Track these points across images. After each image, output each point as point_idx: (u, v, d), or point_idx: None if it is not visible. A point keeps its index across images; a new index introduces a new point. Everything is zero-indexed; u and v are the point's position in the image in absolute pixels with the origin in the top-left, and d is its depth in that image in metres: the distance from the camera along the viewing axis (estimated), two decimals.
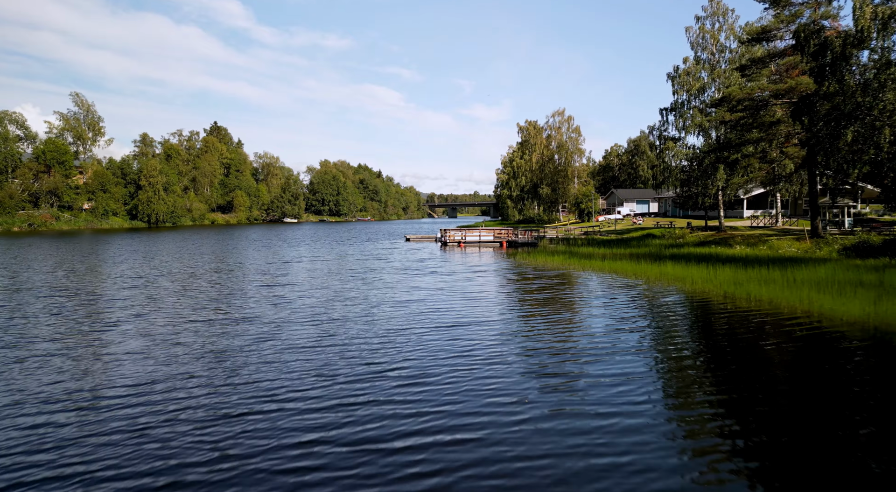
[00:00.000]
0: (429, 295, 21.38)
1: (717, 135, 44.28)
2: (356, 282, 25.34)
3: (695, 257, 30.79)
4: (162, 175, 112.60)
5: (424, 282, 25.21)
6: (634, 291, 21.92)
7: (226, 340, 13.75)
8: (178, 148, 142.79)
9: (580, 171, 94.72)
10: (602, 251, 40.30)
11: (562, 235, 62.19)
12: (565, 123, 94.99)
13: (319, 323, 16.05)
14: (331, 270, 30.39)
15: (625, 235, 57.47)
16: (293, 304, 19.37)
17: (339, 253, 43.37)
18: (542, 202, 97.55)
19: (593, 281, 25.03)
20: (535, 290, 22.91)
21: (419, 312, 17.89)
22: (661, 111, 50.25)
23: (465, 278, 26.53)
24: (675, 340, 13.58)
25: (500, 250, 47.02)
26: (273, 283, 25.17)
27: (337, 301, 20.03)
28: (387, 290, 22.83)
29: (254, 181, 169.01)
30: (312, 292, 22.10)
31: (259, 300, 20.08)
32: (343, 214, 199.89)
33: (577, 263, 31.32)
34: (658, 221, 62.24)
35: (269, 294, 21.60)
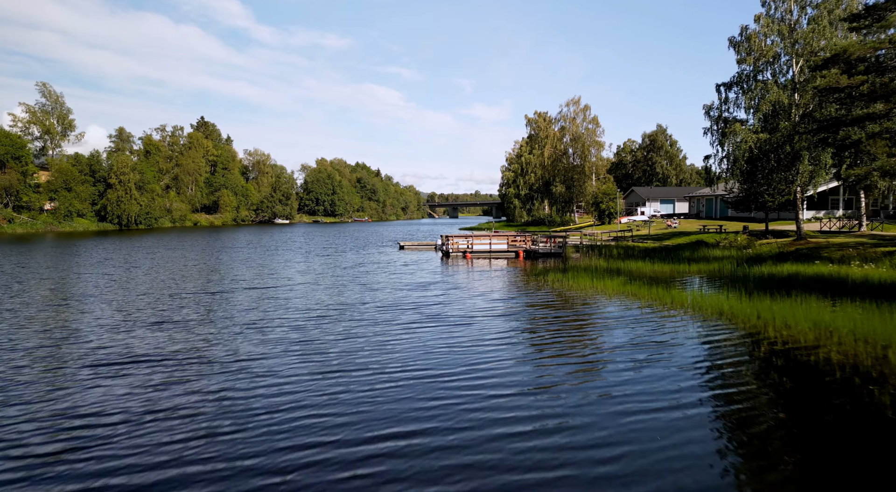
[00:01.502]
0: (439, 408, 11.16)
1: (806, 112, 33.99)
2: (306, 343, 15.13)
3: (811, 284, 20.59)
4: (135, 173, 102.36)
5: (414, 348, 14.98)
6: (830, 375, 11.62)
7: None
8: (159, 144, 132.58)
9: (598, 166, 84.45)
10: (658, 268, 30.00)
11: (586, 240, 51.96)
12: (581, 113, 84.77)
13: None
14: (276, 310, 20.15)
15: (665, 242, 47.18)
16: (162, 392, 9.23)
17: (308, 270, 33.13)
18: (556, 202, 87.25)
19: (709, 339, 14.75)
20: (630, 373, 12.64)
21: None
22: (718, 88, 40.01)
23: (483, 335, 16.27)
24: None
25: (516, 263, 36.87)
26: (166, 346, 14.98)
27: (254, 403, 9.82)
28: (355, 376, 12.61)
29: (243, 180, 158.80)
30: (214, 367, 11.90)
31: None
32: (339, 215, 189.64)
33: (645, 292, 21.05)
34: (704, 225, 51.85)
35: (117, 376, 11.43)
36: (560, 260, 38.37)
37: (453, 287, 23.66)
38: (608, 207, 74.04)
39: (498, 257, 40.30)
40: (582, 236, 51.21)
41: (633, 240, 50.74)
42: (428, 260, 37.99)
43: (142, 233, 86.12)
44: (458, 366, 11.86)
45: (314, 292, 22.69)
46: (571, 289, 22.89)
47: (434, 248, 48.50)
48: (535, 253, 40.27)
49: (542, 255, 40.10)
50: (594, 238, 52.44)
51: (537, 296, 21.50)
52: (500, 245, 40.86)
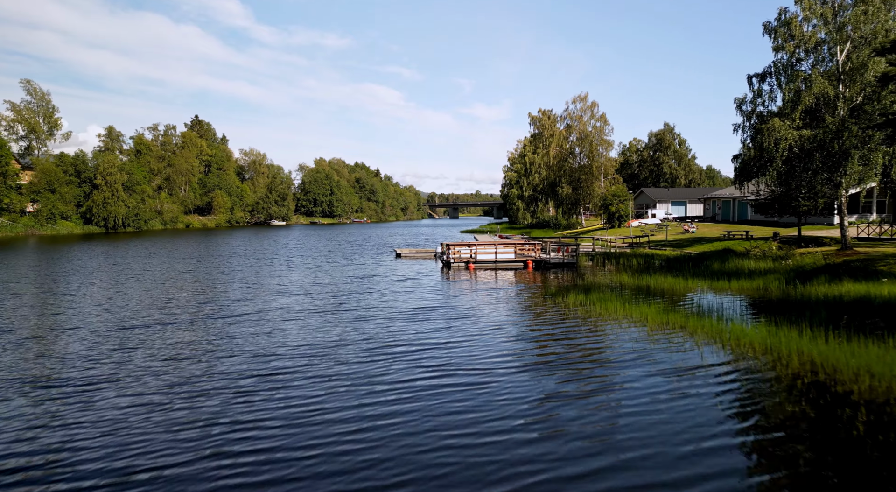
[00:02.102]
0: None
1: (856, 104, 29.88)
2: (255, 424, 11.01)
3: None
4: (122, 173, 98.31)
5: (414, 427, 10.84)
6: None
7: None
8: (150, 143, 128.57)
9: (607, 166, 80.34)
10: (692, 285, 25.92)
11: (599, 246, 47.89)
12: (588, 110, 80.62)
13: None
14: (236, 349, 16.07)
15: (687, 250, 43.10)
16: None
17: (288, 288, 29.08)
18: (562, 204, 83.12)
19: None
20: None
21: None
22: (750, 79, 35.90)
23: (506, 406, 12.10)
24: None
25: (525, 276, 32.83)
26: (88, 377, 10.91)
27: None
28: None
29: (238, 180, 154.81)
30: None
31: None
32: (337, 216, 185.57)
33: (695, 324, 16.92)
34: (729, 231, 47.71)
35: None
36: (574, 272, 34.31)
37: (458, 317, 19.55)
38: (618, 210, 69.92)
39: (504, 268, 36.23)
40: (594, 243, 47.13)
41: (650, 246, 46.68)
42: (427, 273, 33.92)
43: (129, 236, 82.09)
44: (479, 469, 7.79)
45: (288, 325, 18.58)
46: (601, 317, 18.78)
47: (434, 256, 44.43)
48: (545, 263, 36.19)
49: (554, 265, 36.04)
50: (607, 244, 48.37)
51: (562, 329, 17.39)
52: (506, 254, 36.76)
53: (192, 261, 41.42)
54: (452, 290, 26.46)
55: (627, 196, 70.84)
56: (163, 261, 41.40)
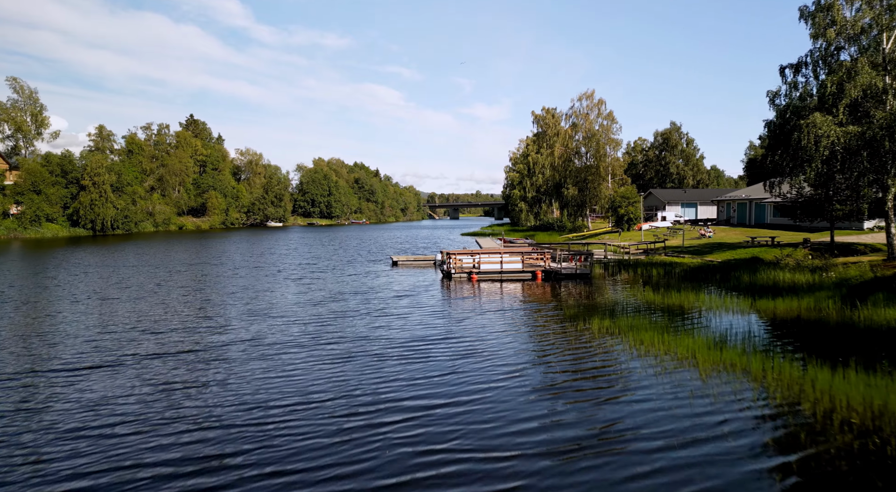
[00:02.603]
0: None
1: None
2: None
3: None
4: (111, 173, 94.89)
5: None
6: None
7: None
8: (142, 143, 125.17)
9: (615, 167, 76.88)
10: (728, 304, 22.50)
11: (611, 252, 44.48)
12: (595, 108, 77.16)
13: None
14: (187, 410, 12.66)
15: (708, 257, 39.68)
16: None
17: (268, 309, 25.69)
18: (567, 205, 79.65)
19: None
20: None
21: None
22: (782, 71, 32.50)
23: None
24: None
25: (534, 289, 29.45)
26: None
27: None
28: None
29: (234, 180, 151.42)
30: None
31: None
32: (335, 217, 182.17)
33: (757, 369, 13.47)
34: (753, 237, 44.19)
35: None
36: (588, 284, 30.90)
37: (464, 355, 15.95)
38: (627, 213, 66.51)
39: (511, 279, 32.82)
40: (606, 249, 43.71)
41: (667, 253, 43.27)
42: (426, 286, 30.49)
43: (117, 239, 78.71)
44: None
45: (249, 369, 15.15)
46: (639, 352, 15.34)
47: (433, 264, 41.00)
48: (556, 274, 32.76)
49: (566, 276, 32.61)
50: (619, 251, 44.96)
51: (594, 373, 13.97)
52: (512, 264, 33.29)
53: (163, 272, 38.01)
54: (454, 310, 23.03)
55: (637, 198, 67.44)
56: (135, 272, 37.99)
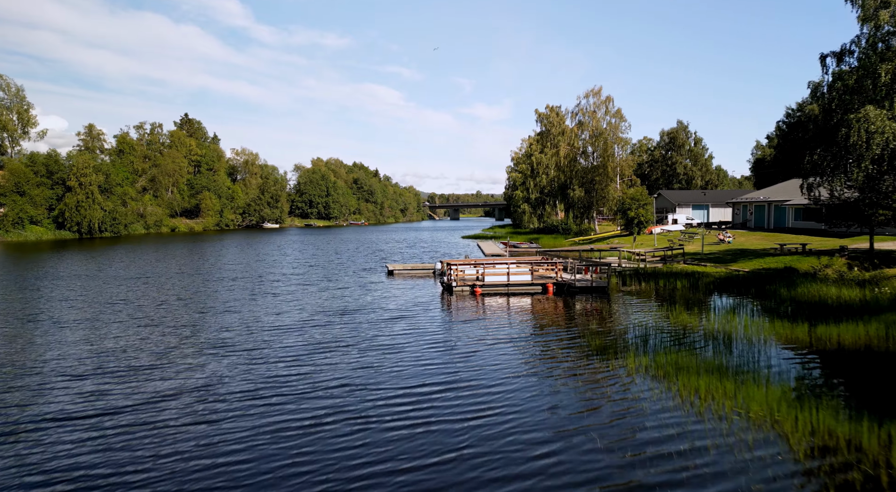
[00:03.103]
0: None
1: None
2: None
3: None
4: (99, 174, 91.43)
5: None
6: None
7: None
8: (134, 142, 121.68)
9: (623, 167, 73.34)
10: (781, 331, 18.99)
11: (625, 259, 41.01)
12: (602, 105, 73.56)
13: None
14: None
15: (732, 266, 36.20)
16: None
17: (235, 337, 22.22)
18: (573, 207, 76.13)
19: None
20: None
21: None
22: (823, 59, 29.00)
23: None
24: None
25: (545, 305, 26.01)
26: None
27: None
28: None
29: (229, 181, 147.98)
30: None
31: None
32: (333, 218, 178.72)
33: (866, 436, 9.99)
34: (782, 243, 40.53)
35: None
36: (606, 299, 27.42)
37: (474, 413, 12.60)
38: (637, 215, 62.91)
39: (519, 293, 29.35)
40: (620, 256, 40.20)
41: (686, 261, 39.80)
42: (424, 302, 27.00)
43: (104, 243, 75.27)
44: None
45: (193, 433, 11.66)
46: (693, 406, 11.84)
47: (432, 273, 37.52)
48: (569, 288, 29.27)
49: (580, 290, 29.12)
50: (634, 258, 41.46)
51: (650, 449, 10.48)
52: (521, 276, 29.76)
53: (129, 285, 34.53)
54: (459, 340, 19.48)
55: (648, 200, 63.79)
56: (102, 283, 34.51)
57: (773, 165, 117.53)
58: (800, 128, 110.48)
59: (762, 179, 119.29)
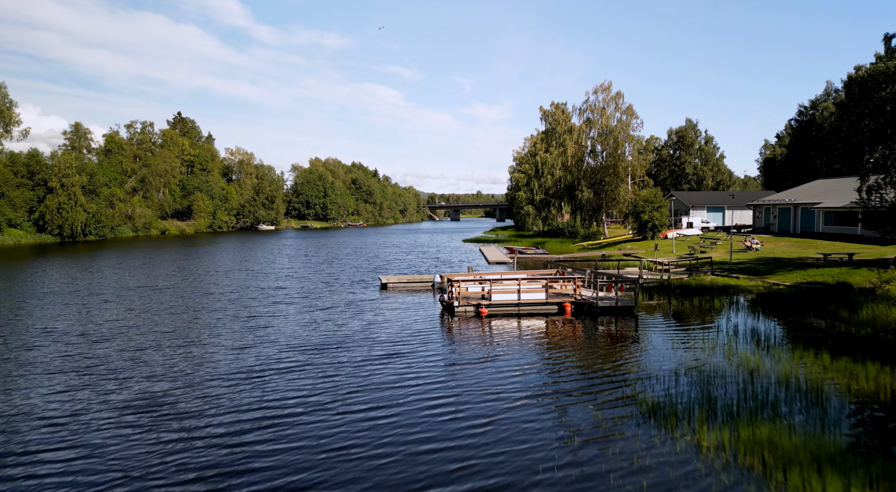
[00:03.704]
0: None
1: None
2: None
3: None
4: (83, 174, 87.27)
5: None
6: None
7: None
8: (123, 142, 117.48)
9: (635, 167, 69.10)
10: (886, 378, 14.80)
11: (645, 269, 36.80)
12: (612, 101, 69.44)
13: None
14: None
15: (769, 279, 31.98)
16: None
17: (192, 381, 17.94)
18: (581, 209, 71.89)
19: None
20: None
21: None
22: (888, 39, 24.79)
23: None
24: None
25: (564, 329, 21.86)
26: None
27: None
28: None
29: (223, 181, 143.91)
30: None
31: None
32: (331, 219, 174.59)
33: None
34: (826, 253, 36.17)
35: None
36: (634, 322, 23.24)
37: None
38: (652, 218, 58.75)
39: (531, 313, 25.17)
40: (642, 265, 35.94)
41: (713, 272, 35.59)
42: (421, 328, 22.80)
43: (87, 248, 71.16)
44: None
45: None
46: None
47: (431, 287, 33.32)
48: (590, 308, 25.05)
49: (602, 310, 24.91)
50: (656, 267, 37.24)
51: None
52: (533, 293, 25.54)
53: (73, 301, 30.34)
54: (463, 387, 15.18)
55: (663, 202, 59.70)
56: (37, 301, 30.34)
57: (785, 164, 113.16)
58: (813, 126, 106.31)
59: (773, 180, 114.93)
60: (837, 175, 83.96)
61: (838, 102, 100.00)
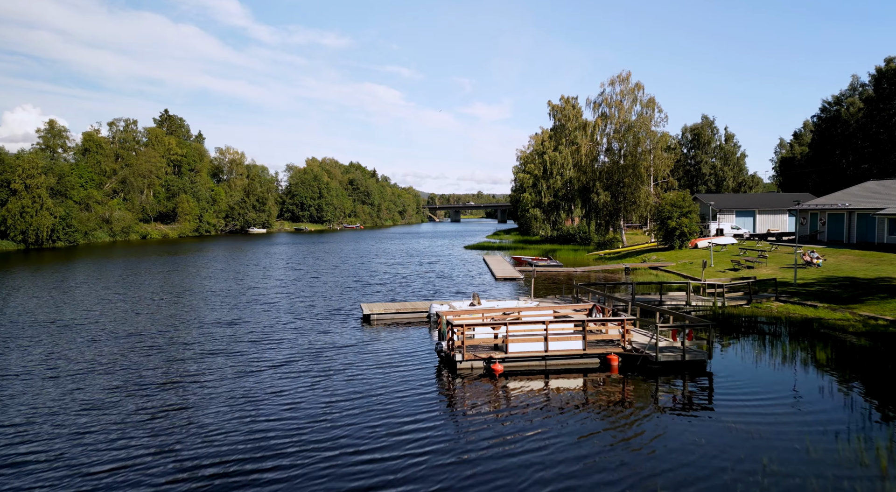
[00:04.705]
0: None
1: None
2: None
3: None
4: (50, 175, 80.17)
5: None
6: None
7: None
8: (102, 140, 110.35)
9: (658, 166, 61.92)
10: None
11: (693, 292, 29.65)
12: (630, 94, 62.30)
13: None
14: None
15: (860, 310, 24.79)
16: None
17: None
18: (597, 214, 64.68)
19: None
20: None
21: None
22: None
23: None
24: None
25: (612, 390, 14.84)
26: None
27: None
28: None
29: (213, 182, 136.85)
30: None
31: None
32: (326, 221, 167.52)
33: None
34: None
35: None
36: (707, 388, 16.15)
37: None
38: (680, 225, 51.59)
39: (562, 368, 18.09)
40: (689, 288, 28.70)
41: (778, 296, 28.45)
42: (411, 400, 15.63)
43: (53, 258, 64.11)
44: None
45: None
46: None
47: (426, 318, 26.13)
48: (645, 362, 17.91)
49: (664, 366, 17.75)
50: (703, 289, 30.08)
51: None
52: (567, 341, 18.36)
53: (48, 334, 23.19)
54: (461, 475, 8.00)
55: (693, 206, 52.54)
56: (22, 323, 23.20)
57: (807, 164, 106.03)
58: (838, 123, 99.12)
59: (791, 181, 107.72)
60: (866, 176, 76.79)
61: (866, 98, 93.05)
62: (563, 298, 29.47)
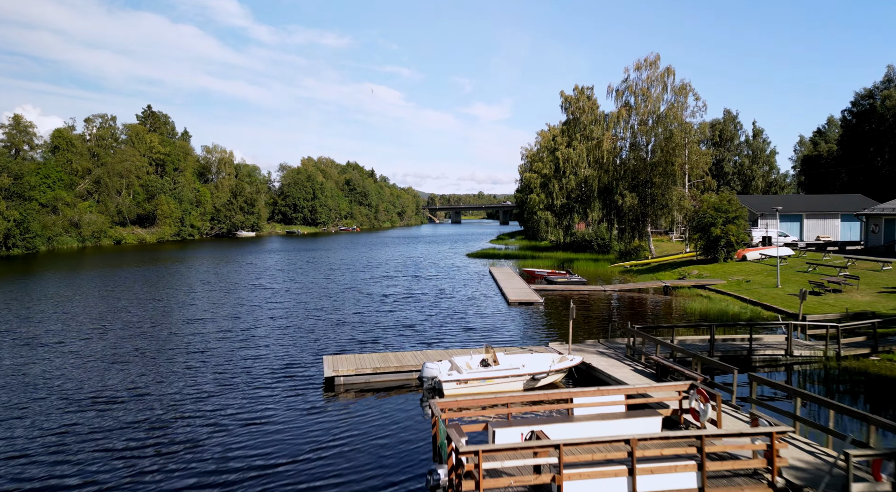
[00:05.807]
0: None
1: None
2: None
3: None
4: (3, 175, 71.81)
5: None
6: None
7: None
8: (74, 137, 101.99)
9: (693, 163, 53.43)
10: None
11: (809, 345, 21.10)
12: (660, 80, 53.91)
13: None
14: None
15: None
16: None
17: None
18: (623, 218, 56.16)
19: None
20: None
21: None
22: None
23: None
24: None
25: None
26: None
27: None
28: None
29: (198, 183, 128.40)
30: None
31: None
32: (321, 223, 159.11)
33: None
34: None
35: None
36: None
37: None
38: (726, 233, 43.13)
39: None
40: (789, 334, 20.23)
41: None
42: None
43: (9, 269, 55.87)
44: None
45: None
46: None
47: (418, 382, 17.60)
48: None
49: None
50: (805, 329, 21.62)
51: None
52: (667, 474, 10.03)
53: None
54: None
55: (741, 210, 44.08)
56: None
57: (836, 162, 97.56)
58: (873, 118, 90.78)
59: (816, 180, 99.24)
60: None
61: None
62: (611, 345, 21.03)
